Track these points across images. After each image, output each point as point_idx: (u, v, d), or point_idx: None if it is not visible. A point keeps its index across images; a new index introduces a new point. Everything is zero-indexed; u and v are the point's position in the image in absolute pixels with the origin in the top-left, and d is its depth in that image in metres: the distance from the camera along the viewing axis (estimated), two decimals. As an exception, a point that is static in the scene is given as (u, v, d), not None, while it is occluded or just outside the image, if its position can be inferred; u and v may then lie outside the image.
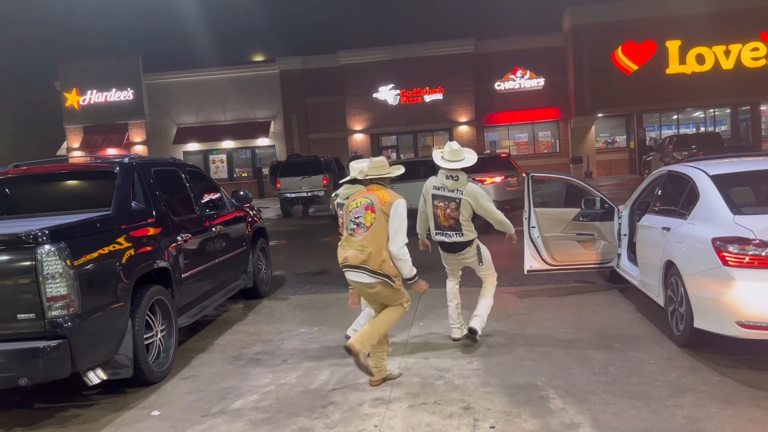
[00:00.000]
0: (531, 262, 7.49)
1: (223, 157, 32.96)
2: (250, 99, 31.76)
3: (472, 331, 5.71)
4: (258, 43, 42.94)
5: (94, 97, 31.98)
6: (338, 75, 30.65)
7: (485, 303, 5.85)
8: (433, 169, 6.07)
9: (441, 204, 5.64)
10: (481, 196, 5.61)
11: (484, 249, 5.77)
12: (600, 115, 28.86)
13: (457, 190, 5.59)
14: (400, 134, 31.39)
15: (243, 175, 32.95)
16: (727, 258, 4.66)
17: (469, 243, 5.66)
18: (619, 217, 7.43)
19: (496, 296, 6.01)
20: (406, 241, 4.74)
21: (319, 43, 38.22)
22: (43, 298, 4.26)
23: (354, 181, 5.65)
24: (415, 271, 4.78)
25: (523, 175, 7.52)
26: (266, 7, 44.61)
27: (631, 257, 7.15)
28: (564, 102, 29.73)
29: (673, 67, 27.32)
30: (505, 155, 16.07)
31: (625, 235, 7.34)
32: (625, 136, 30.29)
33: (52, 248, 4.29)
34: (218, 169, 32.94)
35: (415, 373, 5.13)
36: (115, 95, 31.86)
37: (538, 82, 29.96)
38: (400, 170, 5.19)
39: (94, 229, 4.88)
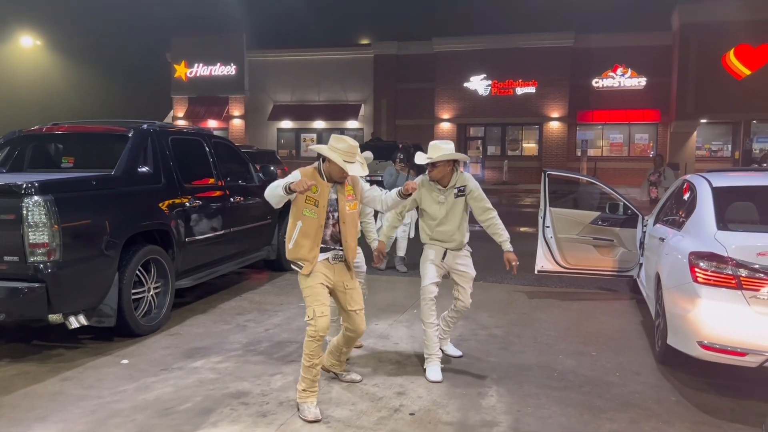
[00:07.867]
0: (542, 262, 7.29)
1: (314, 136, 33.78)
2: (344, 81, 32.31)
3: None
4: (356, 27, 43.57)
5: (200, 70, 33.70)
6: (431, 62, 30.49)
7: None
8: None
9: None
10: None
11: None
12: (703, 121, 27.08)
13: None
14: (488, 126, 30.90)
15: (332, 155, 33.54)
16: (698, 274, 4.38)
17: None
18: (644, 225, 7.08)
19: (506, 293, 5.36)
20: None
21: (414, 29, 38.23)
22: (26, 244, 4.70)
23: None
24: None
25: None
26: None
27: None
28: (665, 104, 28.13)
29: (792, 75, 25.16)
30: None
31: (647, 244, 6.99)
32: (730, 146, 28.28)
33: (39, 199, 4.71)
34: (308, 147, 33.82)
35: (374, 355, 5.21)
36: (219, 69, 33.41)
37: (639, 82, 28.51)
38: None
39: (89, 186, 5.29)
